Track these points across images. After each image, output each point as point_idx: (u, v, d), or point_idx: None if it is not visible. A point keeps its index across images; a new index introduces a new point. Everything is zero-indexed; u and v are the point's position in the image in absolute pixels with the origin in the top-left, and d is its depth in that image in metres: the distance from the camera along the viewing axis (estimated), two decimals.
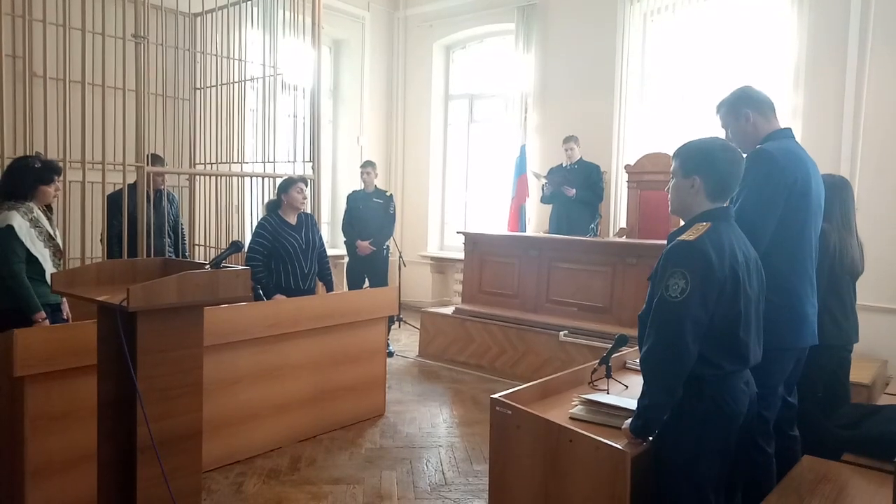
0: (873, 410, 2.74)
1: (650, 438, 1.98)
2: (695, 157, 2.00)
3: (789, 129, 2.47)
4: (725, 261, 1.88)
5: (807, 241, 2.36)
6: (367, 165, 6.00)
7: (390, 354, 5.50)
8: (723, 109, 2.48)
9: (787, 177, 2.26)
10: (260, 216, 4.75)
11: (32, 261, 3.08)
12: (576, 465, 2.00)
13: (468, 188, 7.91)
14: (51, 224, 3.26)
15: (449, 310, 5.80)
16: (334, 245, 7.16)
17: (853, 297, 2.99)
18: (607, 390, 2.49)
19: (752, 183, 2.20)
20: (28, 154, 3.62)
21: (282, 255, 4.06)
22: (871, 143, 4.95)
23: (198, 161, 5.66)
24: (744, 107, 2.42)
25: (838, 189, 2.92)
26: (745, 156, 2.14)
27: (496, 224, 7.11)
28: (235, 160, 5.58)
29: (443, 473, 3.38)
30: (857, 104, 4.99)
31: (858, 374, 3.72)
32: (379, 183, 6.15)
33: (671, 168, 2.08)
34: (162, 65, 5.08)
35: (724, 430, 1.92)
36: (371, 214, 5.85)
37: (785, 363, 2.32)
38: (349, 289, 5.89)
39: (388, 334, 4.69)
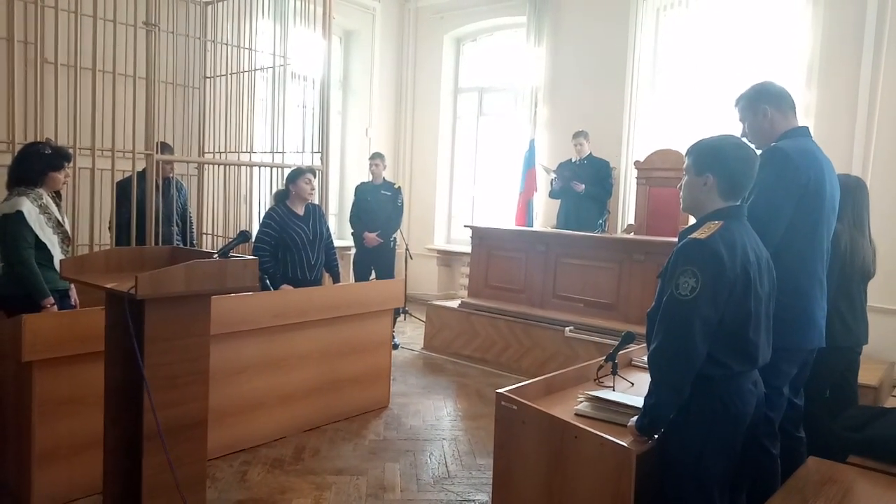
0: (880, 413, 2.72)
1: (656, 437, 1.98)
2: (708, 154, 1.98)
3: (806, 128, 2.44)
4: (737, 260, 1.87)
5: (818, 242, 2.33)
6: (376, 157, 5.99)
7: (395, 347, 5.50)
8: (741, 103, 2.45)
9: (801, 176, 2.24)
10: (268, 206, 4.75)
11: (41, 247, 3.10)
12: (580, 462, 2.00)
13: (476, 182, 7.89)
14: (60, 210, 3.27)
15: (455, 303, 5.80)
16: (341, 236, 7.16)
17: (864, 299, 2.97)
18: (613, 387, 2.49)
19: (764, 181, 2.17)
20: (38, 140, 3.63)
21: (289, 246, 4.06)
22: (884, 143, 4.90)
23: (207, 150, 5.66)
24: (762, 102, 2.39)
25: (852, 189, 2.89)
26: (759, 153, 2.11)
27: (503, 218, 7.09)
28: (244, 150, 5.58)
29: (446, 466, 3.39)
30: (870, 103, 4.94)
31: (866, 375, 3.70)
32: (387, 175, 6.14)
33: (684, 165, 2.06)
34: (172, 53, 5.07)
35: (731, 431, 1.91)
36: (379, 206, 5.85)
37: (791, 364, 2.31)
38: (356, 280, 5.89)
39: (394, 326, 4.69)
